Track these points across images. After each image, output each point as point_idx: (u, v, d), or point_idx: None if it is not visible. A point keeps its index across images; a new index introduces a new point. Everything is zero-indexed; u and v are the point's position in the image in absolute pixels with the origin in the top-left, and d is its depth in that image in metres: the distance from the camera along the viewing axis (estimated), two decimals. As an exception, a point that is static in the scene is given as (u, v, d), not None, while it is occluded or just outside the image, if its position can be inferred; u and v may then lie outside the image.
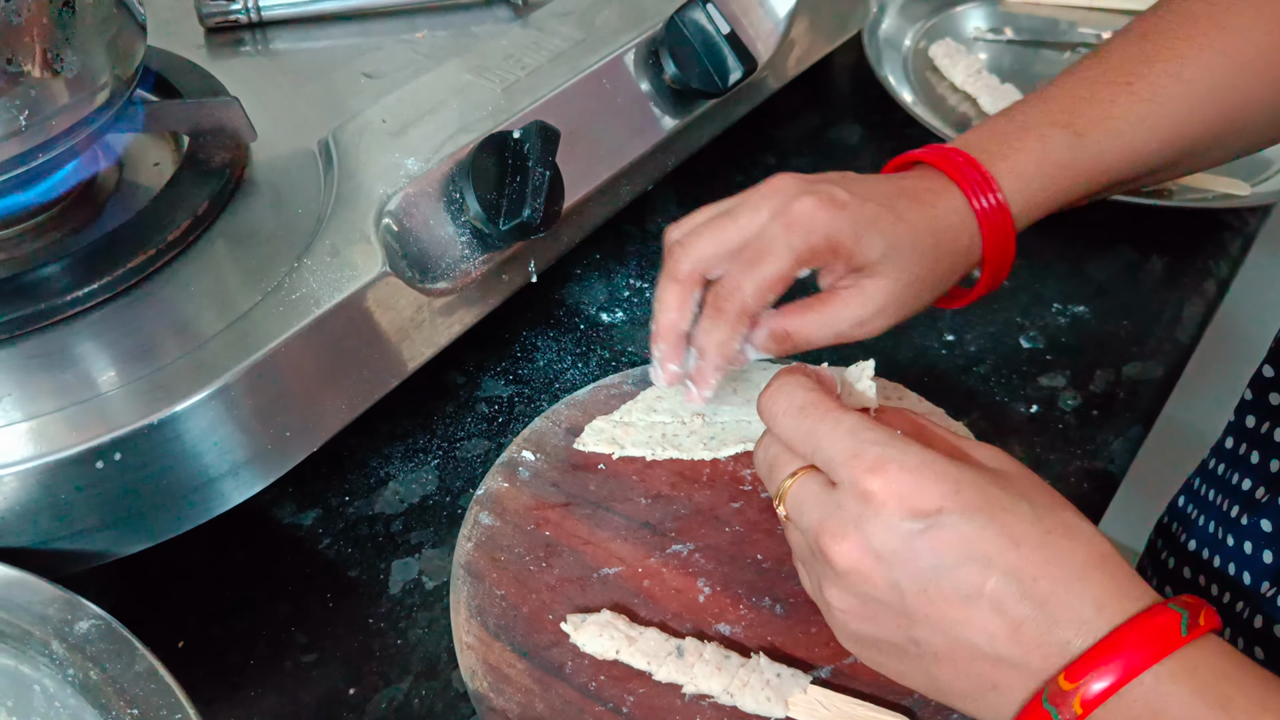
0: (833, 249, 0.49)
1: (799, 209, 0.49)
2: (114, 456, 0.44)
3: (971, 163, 0.52)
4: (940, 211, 0.51)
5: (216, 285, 0.51)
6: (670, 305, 0.51)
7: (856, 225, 0.49)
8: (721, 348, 0.50)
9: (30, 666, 0.40)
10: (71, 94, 0.49)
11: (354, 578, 0.54)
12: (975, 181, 0.52)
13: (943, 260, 0.51)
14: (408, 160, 0.56)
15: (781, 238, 0.48)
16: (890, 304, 0.50)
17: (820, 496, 0.40)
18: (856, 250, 0.49)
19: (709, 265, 0.50)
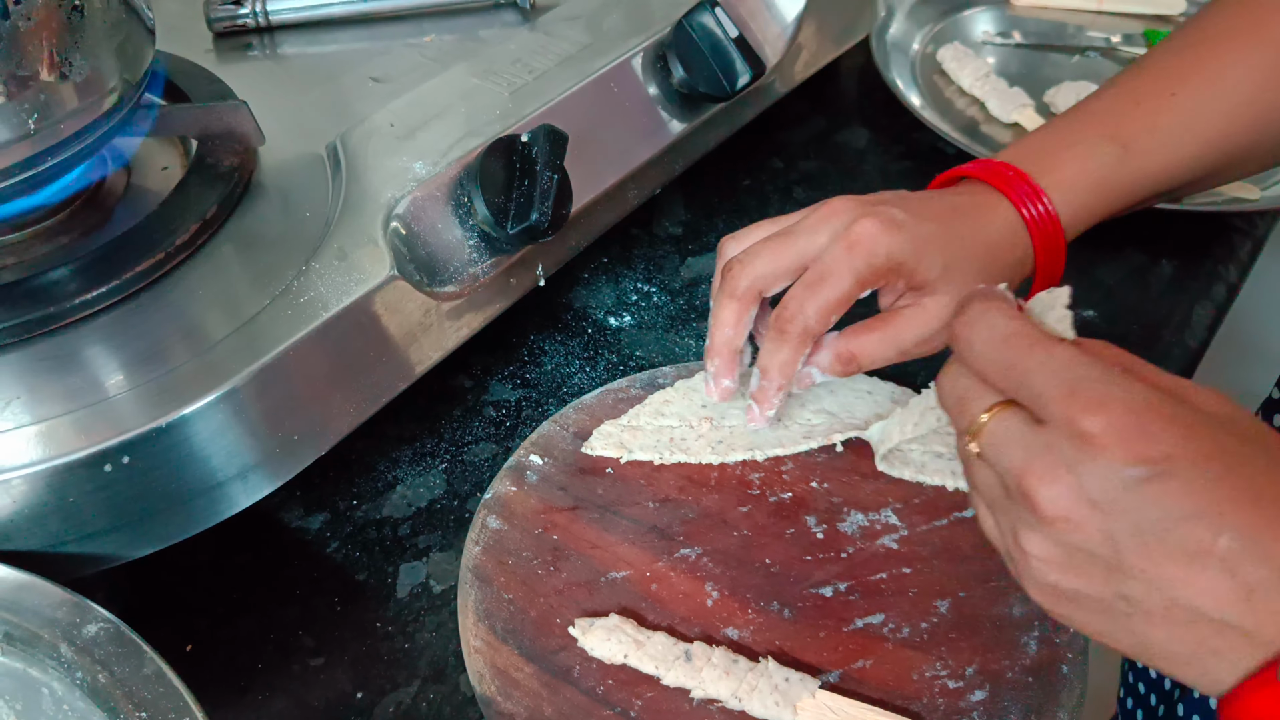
0: (894, 269, 0.50)
1: (860, 230, 0.50)
2: (123, 460, 0.44)
3: (1021, 176, 0.54)
4: (994, 226, 0.53)
5: (225, 289, 0.51)
6: (727, 322, 0.52)
7: (916, 245, 0.50)
8: (785, 369, 0.52)
9: (39, 669, 0.40)
10: (80, 98, 0.49)
11: (361, 581, 0.53)
12: (1025, 194, 0.53)
13: (998, 273, 0.53)
14: (415, 164, 0.56)
15: (844, 259, 0.50)
16: None
17: (1026, 435, 0.36)
18: (917, 269, 0.51)
19: (767, 284, 0.52)
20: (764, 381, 0.52)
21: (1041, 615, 0.49)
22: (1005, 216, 0.53)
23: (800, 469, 0.55)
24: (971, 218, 0.53)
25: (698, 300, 0.68)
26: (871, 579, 0.51)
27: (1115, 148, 0.54)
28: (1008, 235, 0.53)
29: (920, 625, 0.49)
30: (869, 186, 0.77)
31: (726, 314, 0.52)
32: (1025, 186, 0.53)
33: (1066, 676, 0.47)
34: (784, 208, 0.75)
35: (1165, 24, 0.93)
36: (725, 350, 0.53)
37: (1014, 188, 0.53)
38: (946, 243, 0.51)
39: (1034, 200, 0.53)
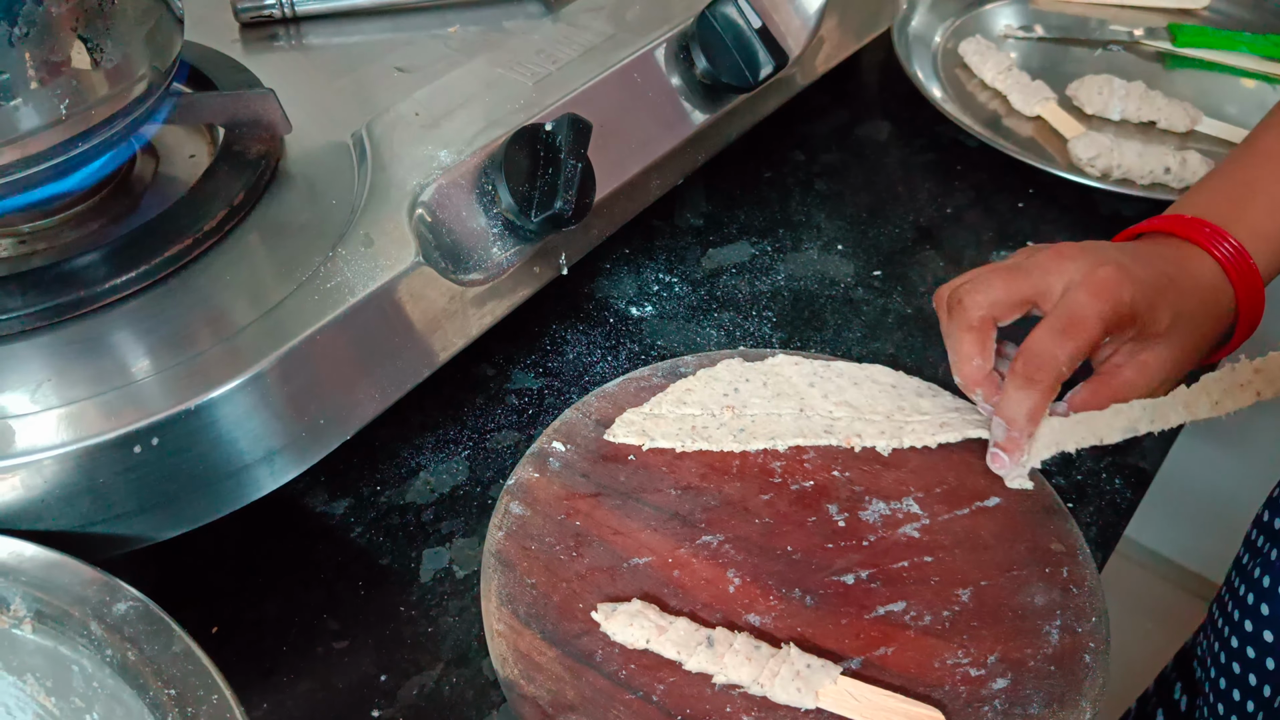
0: (1132, 317, 0.51)
1: (1105, 276, 0.51)
2: (152, 442, 0.44)
3: (1218, 231, 0.55)
4: (1205, 284, 0.54)
5: (251, 275, 0.51)
6: (971, 354, 0.53)
7: (1150, 297, 0.51)
8: (1035, 415, 0.52)
9: (69, 647, 0.41)
10: (110, 85, 0.49)
11: (385, 566, 0.54)
12: (1224, 248, 0.55)
13: (1211, 328, 0.55)
14: (440, 152, 0.56)
15: (1092, 305, 0.50)
16: (1172, 373, 0.53)
17: None
18: (1151, 320, 0.52)
19: (1001, 313, 0.53)
20: (1012, 432, 0.52)
21: (1063, 604, 0.49)
22: (1210, 270, 0.55)
23: (822, 457, 0.55)
24: (1187, 274, 0.54)
25: (719, 291, 0.68)
26: (893, 567, 0.51)
27: None
28: (1217, 294, 0.55)
29: (942, 613, 0.49)
30: (891, 179, 0.78)
31: (967, 347, 0.53)
32: (1223, 241, 0.55)
33: (1089, 665, 0.47)
34: (805, 200, 0.75)
35: (1189, 18, 0.93)
36: (980, 378, 0.54)
37: (1214, 243, 0.55)
38: (1176, 298, 0.52)
39: (1235, 254, 0.55)
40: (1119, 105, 0.81)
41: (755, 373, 0.59)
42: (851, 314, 0.67)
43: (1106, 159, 0.75)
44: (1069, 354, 0.50)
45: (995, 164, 0.77)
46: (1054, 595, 0.49)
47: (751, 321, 0.66)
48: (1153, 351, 0.53)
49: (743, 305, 0.67)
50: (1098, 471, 0.58)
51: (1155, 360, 0.53)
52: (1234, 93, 0.86)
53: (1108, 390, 0.53)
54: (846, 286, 0.69)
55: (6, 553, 0.43)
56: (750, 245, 0.71)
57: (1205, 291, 0.54)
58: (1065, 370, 0.51)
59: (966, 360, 0.53)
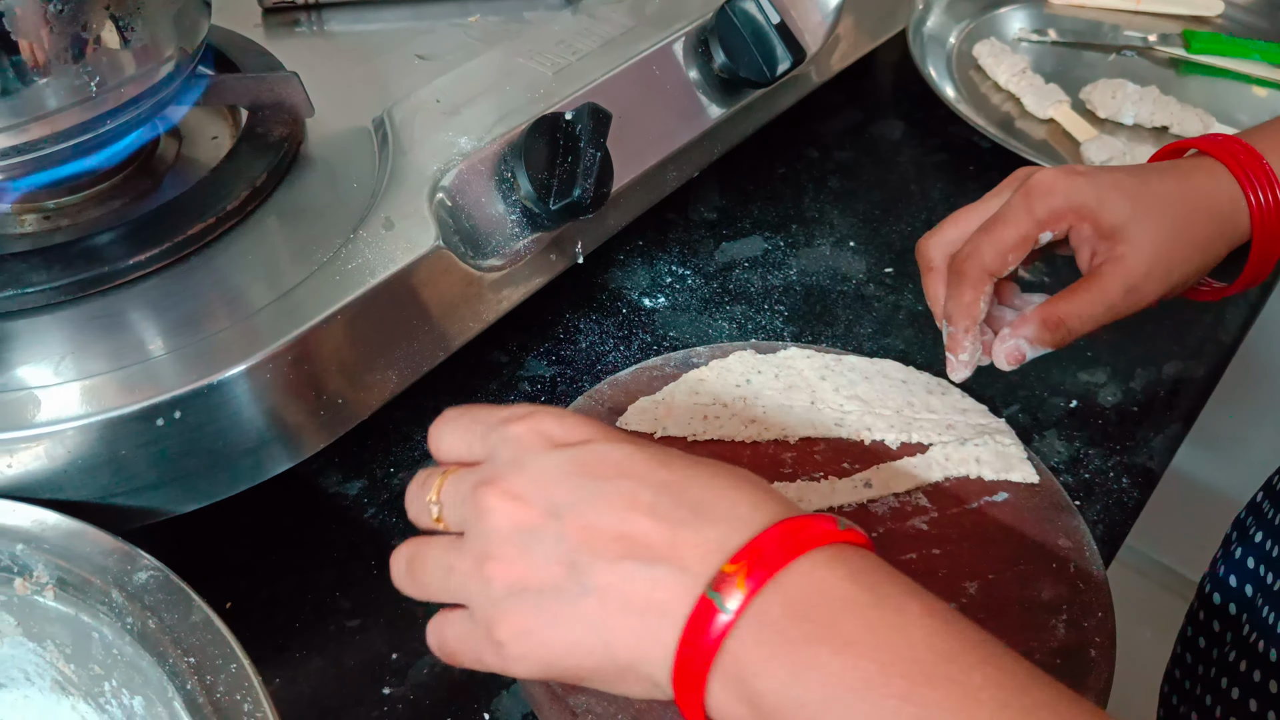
0: (1074, 210, 0.51)
1: (1038, 178, 0.52)
2: (174, 415, 0.45)
3: (1234, 139, 0.53)
4: (1195, 179, 0.53)
5: (272, 254, 0.52)
6: (938, 293, 0.54)
7: (1098, 189, 0.51)
8: (968, 310, 0.52)
9: (89, 614, 0.41)
10: (139, 64, 0.50)
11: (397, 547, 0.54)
12: (1236, 152, 0.52)
13: (1200, 224, 0.52)
14: (461, 139, 0.57)
15: (1021, 203, 0.52)
16: (1155, 265, 0.51)
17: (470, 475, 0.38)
18: (1101, 211, 0.51)
19: (956, 248, 0.53)
20: (950, 328, 0.53)
21: (1070, 599, 0.50)
22: (1211, 170, 0.53)
23: (832, 450, 0.56)
24: (1171, 173, 0.53)
25: (731, 284, 0.69)
26: (901, 559, 0.51)
27: None
28: (1210, 188, 0.52)
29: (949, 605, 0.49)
30: (904, 178, 0.78)
31: (932, 289, 0.54)
32: (1237, 146, 0.53)
33: (1094, 660, 0.48)
34: (819, 196, 0.76)
35: (1203, 25, 0.93)
36: (936, 310, 0.55)
37: (1224, 147, 0.53)
38: (1133, 188, 0.51)
39: (1246, 157, 0.52)
40: (1132, 110, 0.81)
41: (767, 365, 0.59)
42: (863, 309, 0.67)
43: (1119, 163, 0.76)
44: (993, 244, 0.51)
45: (1008, 165, 0.76)
46: (1060, 590, 0.50)
47: (764, 315, 0.67)
48: (1128, 244, 0.51)
49: (755, 299, 0.68)
50: (1105, 470, 0.59)
51: (1133, 254, 0.51)
52: (1246, 100, 0.87)
53: (1088, 282, 0.52)
54: (858, 283, 0.69)
55: (29, 520, 0.43)
56: (763, 240, 0.72)
57: (1195, 192, 0.52)
58: (989, 260, 0.51)
59: (934, 302, 0.55)
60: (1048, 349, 0.52)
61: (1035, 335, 0.52)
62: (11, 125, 0.47)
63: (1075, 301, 0.52)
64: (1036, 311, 0.52)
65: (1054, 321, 0.51)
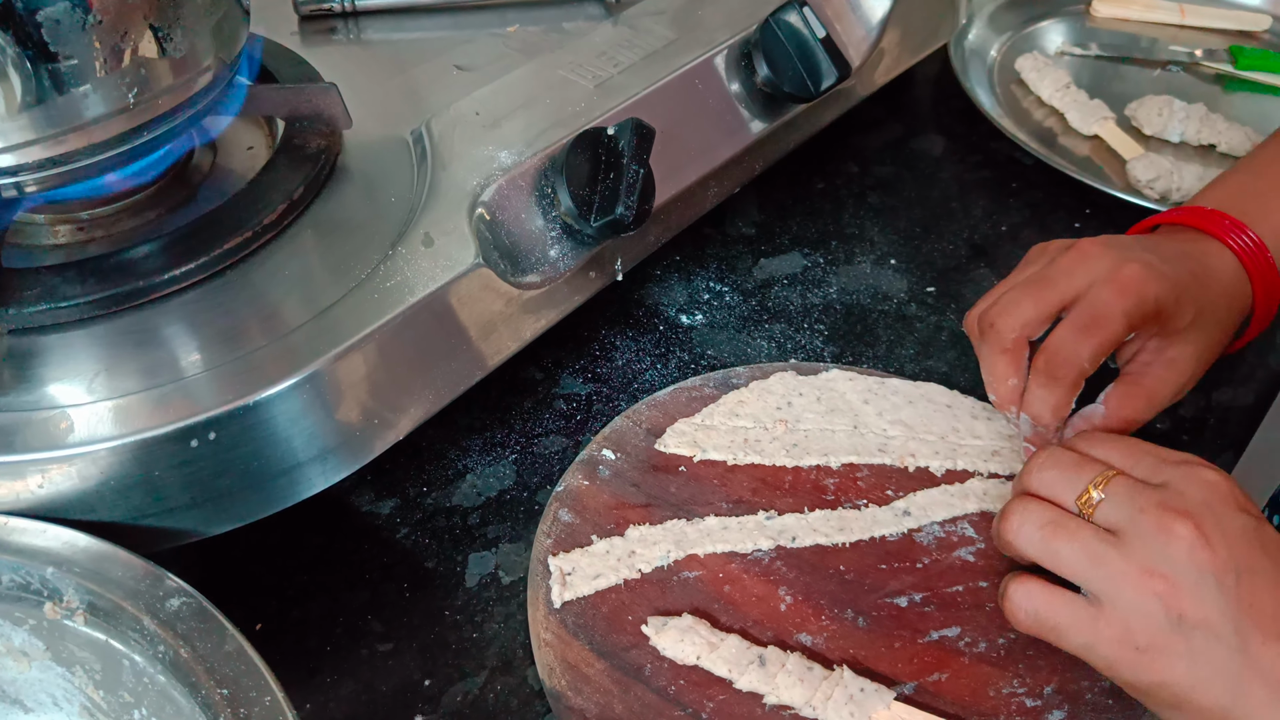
0: (1157, 314, 0.51)
1: (1129, 274, 0.51)
2: (209, 436, 0.44)
3: (1239, 226, 0.55)
4: (1227, 277, 0.54)
5: (310, 270, 0.51)
6: (1006, 375, 0.53)
7: (1176, 292, 0.51)
8: (1059, 412, 0.52)
9: (120, 641, 0.41)
10: (177, 75, 0.49)
11: (430, 569, 0.53)
12: (1245, 243, 0.55)
13: (1233, 322, 0.55)
14: (501, 153, 0.56)
15: (1116, 304, 0.50)
16: (1198, 368, 0.54)
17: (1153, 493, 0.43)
18: (1175, 315, 0.52)
19: (1033, 330, 0.52)
20: (1039, 428, 0.52)
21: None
22: (1230, 263, 0.54)
23: (875, 476, 0.55)
24: (1210, 271, 0.54)
25: (770, 301, 0.67)
26: (947, 591, 0.50)
27: None
28: (1238, 286, 0.54)
29: (997, 640, 0.48)
30: (945, 195, 0.77)
31: (1002, 368, 0.53)
32: (1242, 234, 0.54)
33: (1148, 701, 0.46)
34: (859, 212, 0.74)
35: (1250, 40, 0.91)
36: (1015, 397, 0.53)
37: (1233, 236, 0.54)
38: (1199, 293, 0.52)
39: (1254, 248, 0.54)
40: (1179, 127, 0.79)
41: (809, 387, 0.58)
42: (905, 330, 0.66)
43: (1166, 181, 0.74)
44: (1091, 351, 0.50)
45: (1051, 182, 0.76)
46: (1113, 627, 0.48)
47: (803, 334, 0.65)
48: (1179, 348, 0.53)
49: (794, 317, 0.66)
50: (1155, 501, 0.57)
51: (1183, 356, 0.53)
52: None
53: (1140, 389, 0.53)
54: (899, 302, 0.68)
55: (60, 542, 0.42)
56: (802, 256, 0.71)
57: (1225, 285, 0.54)
58: (1088, 366, 0.51)
59: (1002, 382, 0.53)
60: None
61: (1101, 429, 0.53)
62: (48, 136, 0.46)
63: (1136, 405, 0.53)
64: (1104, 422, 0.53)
65: (1123, 425, 0.53)
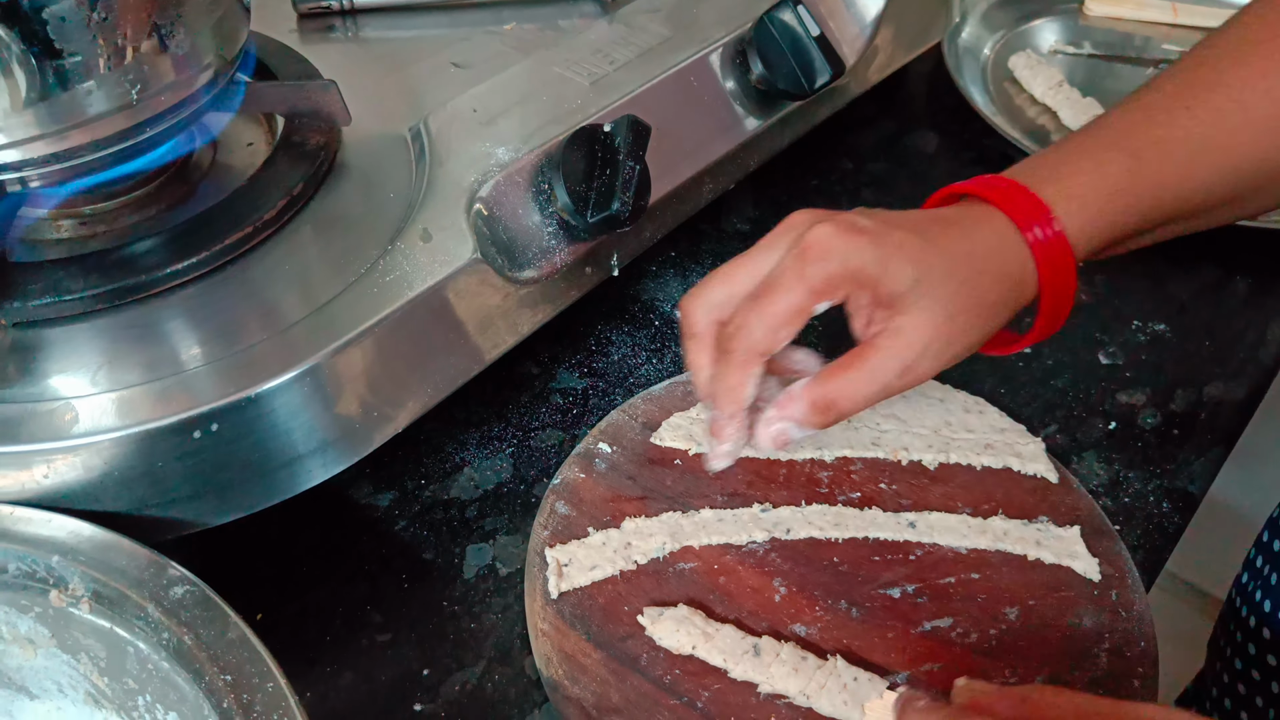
0: (853, 277, 0.45)
1: (814, 235, 0.45)
2: (211, 428, 0.44)
3: (1017, 187, 0.48)
4: (981, 236, 0.47)
5: (310, 264, 0.51)
6: (699, 365, 0.49)
7: (880, 250, 0.45)
8: (733, 394, 0.47)
9: (125, 628, 0.41)
10: (179, 71, 0.49)
11: (429, 561, 0.54)
12: (1023, 206, 0.47)
13: (988, 289, 0.47)
14: (498, 149, 0.56)
15: (794, 267, 0.45)
16: (934, 341, 0.46)
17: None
18: (882, 278, 0.45)
19: (725, 311, 0.47)
20: (714, 411, 0.48)
21: (1112, 628, 0.49)
22: (996, 228, 0.47)
23: (869, 469, 0.55)
24: (955, 227, 0.47)
25: (765, 298, 0.68)
26: (940, 582, 0.51)
27: (1125, 158, 0.48)
28: (998, 247, 0.47)
29: (989, 631, 0.49)
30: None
31: (695, 357, 0.48)
32: (1022, 198, 0.48)
33: (1137, 690, 0.47)
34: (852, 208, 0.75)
35: (1241, 40, 0.92)
36: (707, 388, 0.49)
37: (1009, 199, 0.48)
38: (918, 250, 0.45)
39: (1033, 213, 0.47)
40: (1170, 125, 0.80)
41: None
42: (898, 326, 0.67)
43: (1157, 179, 0.75)
44: (763, 321, 0.45)
45: (1044, 180, 0.77)
46: (1103, 619, 0.49)
47: (797, 330, 0.66)
48: (905, 317, 0.45)
49: (789, 313, 0.67)
50: (1145, 494, 0.58)
51: (911, 326, 0.45)
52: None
53: (855, 359, 0.46)
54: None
55: (65, 532, 0.43)
56: (797, 253, 0.71)
57: (982, 251, 0.47)
58: (760, 339, 0.45)
59: (699, 371, 0.49)
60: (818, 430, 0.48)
61: (804, 417, 0.47)
62: (52, 132, 0.47)
63: (846, 381, 0.46)
64: (805, 391, 0.47)
65: (823, 403, 0.47)
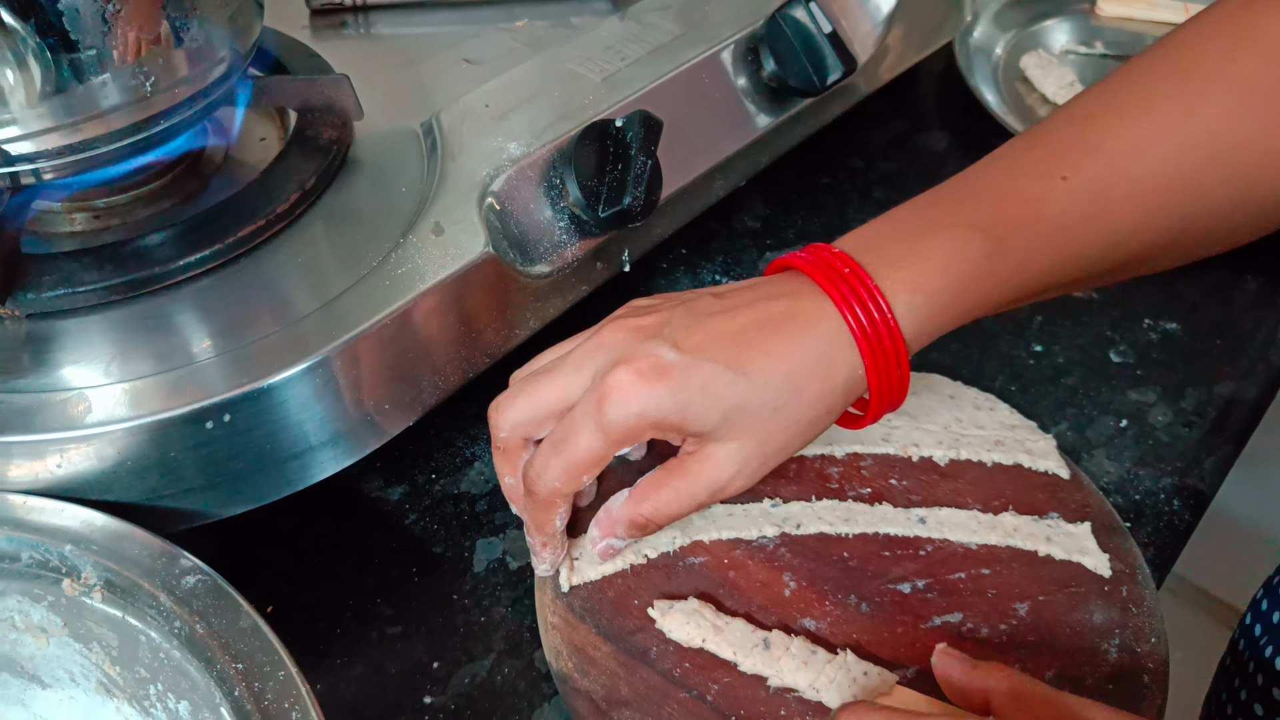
0: (653, 425, 0.43)
1: (611, 383, 0.42)
2: (224, 418, 0.45)
3: (857, 273, 0.43)
4: (808, 345, 0.43)
5: (322, 257, 0.52)
6: (503, 473, 0.48)
7: (681, 397, 0.42)
8: (544, 528, 0.47)
9: (137, 617, 0.41)
10: (192, 65, 0.50)
11: (439, 554, 0.54)
12: (860, 299, 0.43)
13: (809, 407, 0.44)
14: (510, 144, 0.56)
15: (592, 415, 0.43)
16: (747, 463, 0.44)
17: None
18: (685, 423, 0.43)
19: (529, 430, 0.46)
20: (530, 539, 0.48)
21: (1122, 624, 0.49)
22: (827, 334, 0.43)
23: (879, 465, 0.55)
24: (779, 337, 0.43)
25: (775, 295, 0.68)
26: (950, 578, 0.51)
27: (988, 241, 0.44)
28: (824, 358, 0.43)
29: (999, 627, 0.49)
30: (949, 190, 0.77)
31: (501, 467, 0.47)
32: (861, 289, 0.43)
33: (1148, 686, 0.47)
34: (863, 207, 0.75)
35: (1253, 40, 0.92)
36: (515, 496, 0.48)
37: (843, 291, 0.43)
38: (726, 387, 0.42)
39: (868, 309, 0.43)
40: (1181, 125, 0.80)
41: None
42: (908, 323, 0.67)
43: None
44: (562, 468, 0.44)
45: (1055, 179, 0.77)
46: (1113, 614, 0.49)
47: (807, 326, 0.66)
48: (718, 444, 0.44)
49: (799, 310, 0.67)
50: (1156, 492, 0.58)
51: (722, 453, 0.44)
52: (1298, 117, 0.85)
53: (672, 476, 0.45)
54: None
55: (78, 521, 0.43)
56: (807, 250, 0.71)
57: (806, 369, 0.43)
58: (561, 485, 0.44)
59: (501, 479, 0.48)
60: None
61: (625, 533, 0.47)
62: (66, 124, 0.47)
63: (660, 499, 0.45)
64: (621, 511, 0.46)
65: (641, 523, 0.46)
